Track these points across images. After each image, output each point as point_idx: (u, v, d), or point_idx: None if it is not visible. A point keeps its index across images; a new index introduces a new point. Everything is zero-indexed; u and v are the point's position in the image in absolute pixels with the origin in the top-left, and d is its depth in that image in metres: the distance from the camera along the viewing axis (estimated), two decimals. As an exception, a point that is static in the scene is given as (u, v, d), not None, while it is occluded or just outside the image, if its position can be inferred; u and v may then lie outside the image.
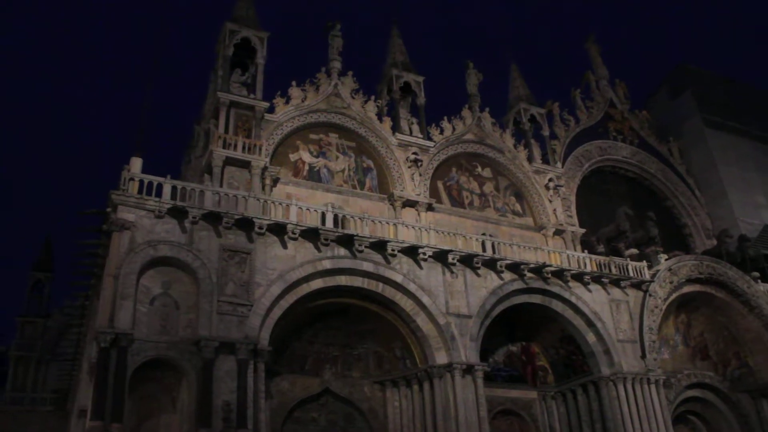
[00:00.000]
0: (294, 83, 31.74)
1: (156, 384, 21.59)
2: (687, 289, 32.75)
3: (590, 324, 28.99)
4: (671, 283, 31.73)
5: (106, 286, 20.72)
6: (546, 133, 39.11)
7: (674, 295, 32.03)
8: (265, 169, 28.45)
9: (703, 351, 34.32)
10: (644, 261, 32.01)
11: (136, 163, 22.83)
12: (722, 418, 33.38)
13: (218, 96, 29.35)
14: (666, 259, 32.47)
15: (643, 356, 29.21)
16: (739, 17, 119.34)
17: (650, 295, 30.61)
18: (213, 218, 22.69)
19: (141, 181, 22.38)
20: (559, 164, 37.98)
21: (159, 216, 22.02)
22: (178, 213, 22.28)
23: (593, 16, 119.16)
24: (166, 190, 22.51)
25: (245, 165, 27.94)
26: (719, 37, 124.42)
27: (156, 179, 22.65)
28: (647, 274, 31.16)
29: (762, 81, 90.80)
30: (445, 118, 35.42)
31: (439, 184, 33.77)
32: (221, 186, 26.41)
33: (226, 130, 28.69)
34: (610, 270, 30.26)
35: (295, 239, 23.90)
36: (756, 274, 35.18)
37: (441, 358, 25.39)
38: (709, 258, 34.23)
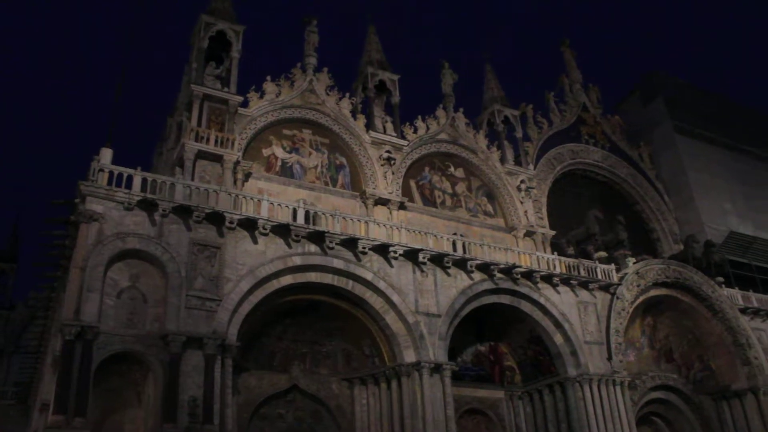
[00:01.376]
0: (269, 78, 31.60)
1: (121, 378, 21.37)
2: (654, 292, 33.19)
3: (558, 325, 29.26)
4: (638, 286, 32.14)
5: (73, 278, 20.46)
6: (519, 134, 39.38)
7: (641, 299, 32.46)
8: (237, 163, 28.27)
9: (667, 354, 34.84)
10: (612, 264, 32.44)
11: (106, 154, 22.54)
12: (685, 420, 33.92)
13: (192, 89, 29.09)
14: (634, 263, 32.90)
15: (609, 358, 29.54)
16: (711, 27, 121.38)
17: (617, 298, 30.97)
18: (183, 212, 22.49)
19: (111, 173, 22.10)
20: (531, 166, 38.27)
21: (128, 208, 21.77)
22: (147, 205, 22.04)
23: (568, 20, 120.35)
24: (136, 182, 22.27)
25: (217, 159, 27.75)
26: (691, 45, 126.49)
27: (126, 171, 22.38)
28: (615, 277, 31.54)
29: (731, 90, 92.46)
30: (420, 117, 35.57)
31: (412, 183, 33.86)
32: (193, 179, 26.15)
33: (199, 124, 28.47)
34: (578, 272, 30.57)
35: (265, 235, 23.78)
36: (720, 279, 35.90)
37: (409, 356, 25.43)
38: (676, 262, 34.74)
